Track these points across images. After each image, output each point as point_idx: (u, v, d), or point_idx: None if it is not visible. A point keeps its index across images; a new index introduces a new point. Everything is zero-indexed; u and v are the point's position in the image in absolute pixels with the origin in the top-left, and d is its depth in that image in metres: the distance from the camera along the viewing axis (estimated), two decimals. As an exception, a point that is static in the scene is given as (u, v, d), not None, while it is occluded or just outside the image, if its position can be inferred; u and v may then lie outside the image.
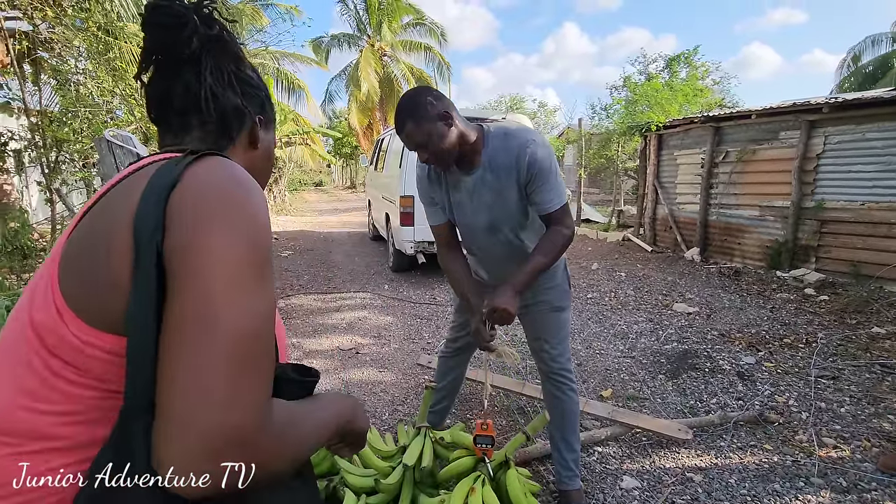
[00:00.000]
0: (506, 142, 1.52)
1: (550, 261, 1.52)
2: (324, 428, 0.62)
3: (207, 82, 0.64)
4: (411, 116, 1.42)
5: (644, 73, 11.38)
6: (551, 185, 1.50)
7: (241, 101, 0.68)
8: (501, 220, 1.60)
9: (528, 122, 5.74)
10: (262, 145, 0.74)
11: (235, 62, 0.68)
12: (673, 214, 7.36)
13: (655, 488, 1.95)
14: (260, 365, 0.49)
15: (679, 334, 3.70)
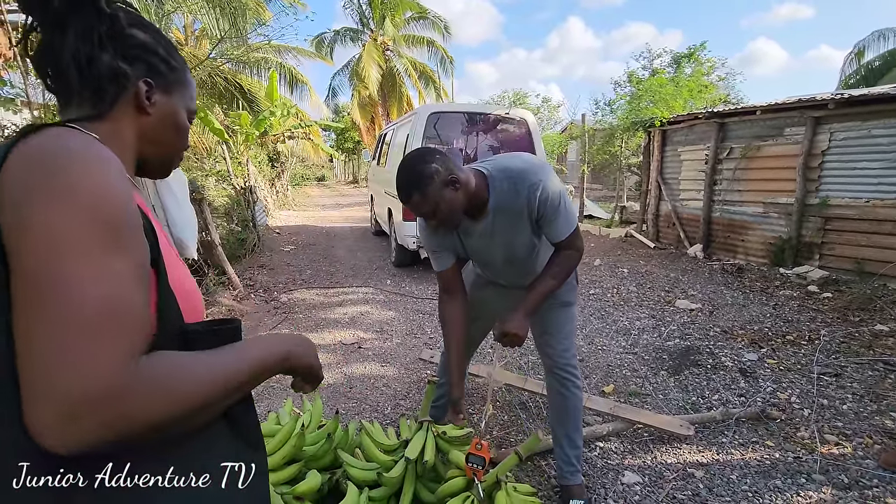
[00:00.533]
0: (512, 185, 1.50)
1: (560, 283, 1.58)
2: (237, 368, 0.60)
3: (71, 44, 0.60)
4: (417, 188, 1.38)
5: (648, 69, 11.32)
6: (562, 217, 1.51)
7: (118, 62, 0.63)
8: (518, 252, 1.65)
9: (532, 118, 5.72)
10: (159, 111, 0.69)
11: (111, 21, 0.63)
12: (676, 211, 7.34)
13: (657, 483, 1.95)
14: (117, 325, 0.49)
15: (681, 331, 3.69)
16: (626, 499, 1.87)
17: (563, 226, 1.52)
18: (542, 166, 1.53)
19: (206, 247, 4.63)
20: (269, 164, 12.66)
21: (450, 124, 5.59)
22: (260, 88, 10.71)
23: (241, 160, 9.01)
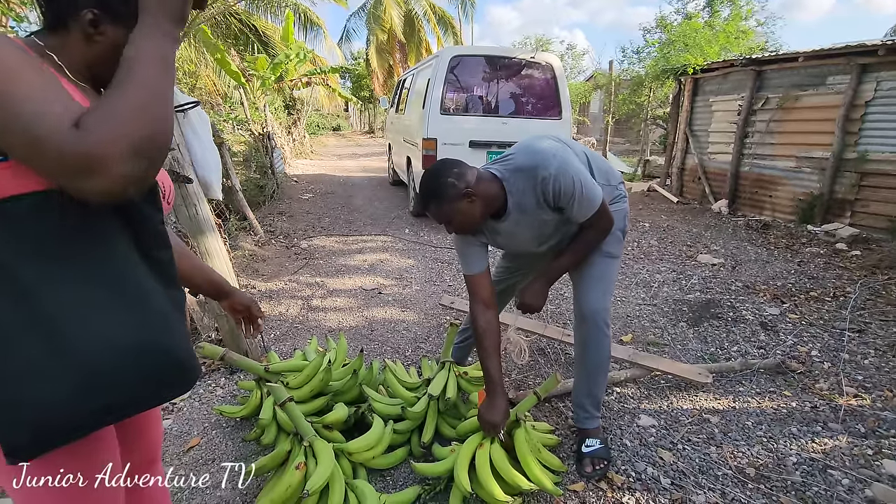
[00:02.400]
0: (525, 183, 1.51)
1: (582, 258, 1.68)
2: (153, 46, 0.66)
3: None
4: (434, 198, 1.47)
5: (682, 13, 10.63)
6: (580, 202, 1.50)
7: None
8: (546, 239, 1.69)
9: (558, 63, 5.47)
10: (108, 40, 0.74)
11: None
12: (703, 164, 7.10)
13: (672, 427, 2.00)
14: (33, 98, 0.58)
15: (702, 284, 3.66)
16: (641, 439, 1.92)
17: (584, 209, 1.53)
18: (553, 155, 1.49)
19: (227, 192, 4.66)
20: (285, 111, 12.49)
21: (472, 69, 5.39)
22: (275, 32, 10.39)
23: (258, 106, 8.89)
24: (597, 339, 1.74)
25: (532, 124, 5.35)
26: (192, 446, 1.89)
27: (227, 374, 2.38)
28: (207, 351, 1.84)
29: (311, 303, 3.31)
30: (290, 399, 1.54)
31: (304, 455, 1.45)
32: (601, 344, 1.74)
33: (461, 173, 1.46)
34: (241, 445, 1.89)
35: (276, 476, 1.54)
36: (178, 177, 2.15)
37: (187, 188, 2.20)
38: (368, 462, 1.65)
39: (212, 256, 2.30)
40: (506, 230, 1.62)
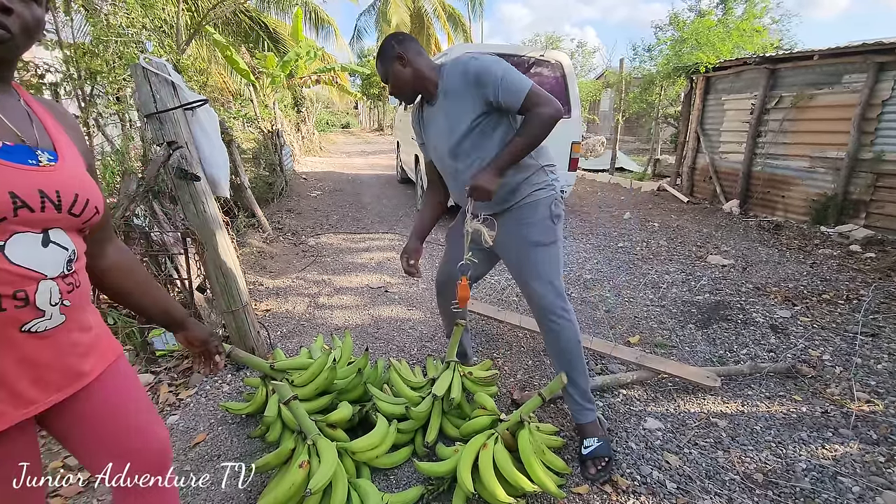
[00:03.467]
0: (454, 67, 1.67)
1: (530, 140, 1.61)
2: None
3: None
4: (378, 57, 1.74)
5: (695, 10, 10.50)
6: (508, 81, 1.57)
7: None
8: (463, 142, 1.68)
9: (568, 61, 5.43)
10: None
11: None
12: (714, 164, 7.02)
13: (679, 430, 1.98)
14: None
15: (712, 286, 3.62)
16: (647, 442, 1.90)
17: (514, 87, 1.57)
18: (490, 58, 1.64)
19: (236, 189, 4.69)
20: (294, 109, 12.54)
21: (481, 67, 5.37)
22: (285, 29, 10.43)
23: (268, 103, 8.93)
24: (555, 331, 1.76)
25: (541, 123, 5.31)
26: (198, 442, 1.90)
27: (233, 371, 2.39)
28: (213, 348, 1.85)
29: (318, 300, 3.32)
30: (295, 397, 1.54)
31: (308, 453, 1.45)
32: (561, 334, 1.75)
33: (403, 41, 1.70)
34: (246, 442, 1.90)
35: (280, 474, 1.55)
36: (185, 174, 2.16)
37: (195, 186, 2.21)
38: (372, 461, 1.65)
39: (220, 254, 2.31)
40: (431, 117, 1.78)
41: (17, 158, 0.73)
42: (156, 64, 2.12)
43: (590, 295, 3.46)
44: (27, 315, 0.73)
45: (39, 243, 0.74)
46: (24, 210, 0.71)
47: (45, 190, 0.74)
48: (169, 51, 5.72)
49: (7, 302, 0.71)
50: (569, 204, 7.01)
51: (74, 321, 0.82)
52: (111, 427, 0.91)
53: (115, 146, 4.39)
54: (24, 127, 0.78)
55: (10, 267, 0.70)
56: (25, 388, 0.76)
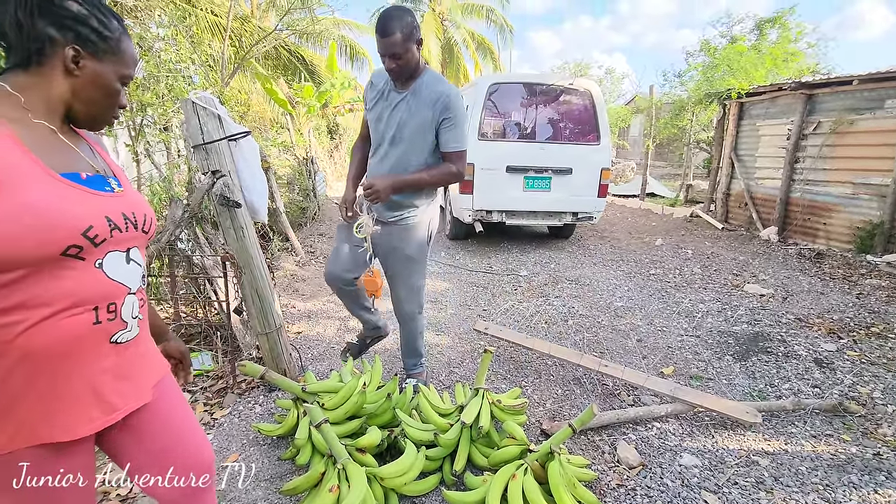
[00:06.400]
0: (435, 83, 1.86)
1: (431, 181, 1.94)
2: None
3: (11, 12, 0.73)
4: (402, 31, 1.72)
5: (727, 36, 10.44)
6: (457, 132, 1.87)
7: (47, 29, 0.74)
8: (407, 137, 1.90)
9: (597, 89, 5.47)
10: (87, 74, 0.79)
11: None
12: (749, 190, 6.85)
13: (717, 468, 1.90)
14: None
15: (750, 316, 3.50)
16: (683, 479, 1.83)
17: (456, 140, 1.88)
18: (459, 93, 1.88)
19: (272, 214, 4.86)
20: (328, 136, 12.97)
21: (510, 95, 5.47)
22: (321, 61, 10.90)
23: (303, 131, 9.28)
24: (412, 328, 2.30)
25: (570, 149, 5.34)
26: (231, 461, 1.94)
27: (265, 392, 2.44)
28: (248, 369, 1.91)
29: (348, 324, 3.37)
30: (326, 421, 1.57)
31: (338, 478, 1.47)
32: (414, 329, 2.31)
33: (419, 25, 1.79)
34: (277, 463, 1.93)
35: (310, 498, 1.56)
36: (228, 201, 2.27)
37: (236, 212, 2.31)
38: (400, 488, 1.65)
39: (256, 278, 2.39)
40: (394, 102, 1.89)
41: (98, 187, 0.82)
42: (204, 98, 2.26)
43: (620, 323, 3.39)
44: (116, 327, 0.82)
45: (124, 260, 0.83)
46: (117, 231, 0.80)
47: (125, 213, 0.83)
48: (214, 83, 6.07)
49: (102, 314, 0.79)
50: (598, 230, 6.94)
51: (143, 334, 0.90)
52: (162, 439, 0.96)
53: (162, 173, 4.63)
54: (91, 157, 0.87)
55: (107, 281, 0.80)
56: (110, 396, 0.83)
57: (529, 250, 5.63)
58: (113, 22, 0.82)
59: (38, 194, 0.71)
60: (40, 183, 0.73)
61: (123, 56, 0.84)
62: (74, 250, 0.74)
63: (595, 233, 6.76)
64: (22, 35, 0.74)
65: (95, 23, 0.79)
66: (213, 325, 2.80)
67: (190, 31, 6.22)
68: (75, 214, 0.74)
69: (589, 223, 5.70)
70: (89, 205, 0.78)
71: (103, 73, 0.81)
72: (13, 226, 0.68)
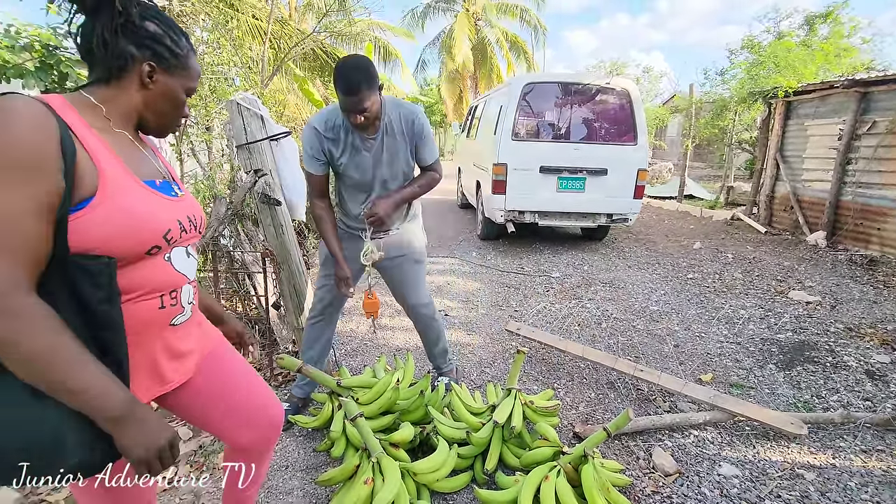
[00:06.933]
0: (400, 111, 1.88)
1: (422, 192, 2.03)
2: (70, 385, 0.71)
3: (97, 30, 0.81)
4: (367, 84, 1.65)
5: (774, 32, 10.01)
6: (431, 146, 1.96)
7: (127, 47, 0.83)
8: (394, 174, 1.95)
9: (634, 88, 5.36)
10: (158, 90, 0.88)
11: (125, 16, 0.82)
12: (796, 192, 6.56)
13: (759, 479, 1.83)
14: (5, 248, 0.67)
15: (795, 324, 3.35)
16: (722, 490, 1.77)
17: (432, 152, 1.98)
18: (419, 108, 1.94)
19: (308, 212, 4.98)
20: (361, 136, 13.16)
21: (545, 95, 5.42)
22: (356, 62, 11.09)
23: (338, 132, 9.45)
24: (436, 328, 2.33)
25: (605, 150, 5.25)
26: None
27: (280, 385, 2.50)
28: (287, 362, 1.96)
29: (380, 321, 3.41)
30: (361, 415, 1.60)
31: (372, 471, 1.49)
32: (440, 330, 2.35)
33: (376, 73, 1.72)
34: (311, 455, 1.98)
35: (345, 489, 1.59)
36: (269, 199, 2.34)
37: (276, 210, 2.39)
38: (432, 484, 1.67)
39: (294, 273, 2.46)
40: (370, 148, 1.87)
41: (168, 192, 0.92)
42: (248, 99, 2.34)
43: (656, 328, 3.31)
44: (175, 311, 0.93)
45: (185, 255, 0.95)
46: (184, 232, 0.91)
47: (189, 216, 0.94)
48: (254, 85, 6.26)
49: (166, 300, 0.90)
50: (633, 232, 6.79)
51: (195, 316, 1.03)
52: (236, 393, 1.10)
53: (205, 172, 4.81)
54: (157, 164, 0.96)
55: (173, 272, 0.91)
56: (165, 370, 0.94)
57: (562, 252, 5.57)
58: (182, 40, 0.92)
59: (131, 200, 0.81)
60: (132, 189, 0.82)
61: (190, 71, 0.93)
62: (155, 250, 0.85)
63: (630, 235, 6.61)
64: (107, 52, 0.83)
65: (168, 41, 0.88)
66: (251, 318, 2.89)
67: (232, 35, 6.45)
68: (158, 219, 0.85)
69: (624, 225, 5.59)
70: (166, 210, 0.88)
71: (173, 86, 0.91)
72: (111, 227, 0.77)
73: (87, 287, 0.76)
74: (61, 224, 0.73)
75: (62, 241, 0.74)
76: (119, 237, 0.78)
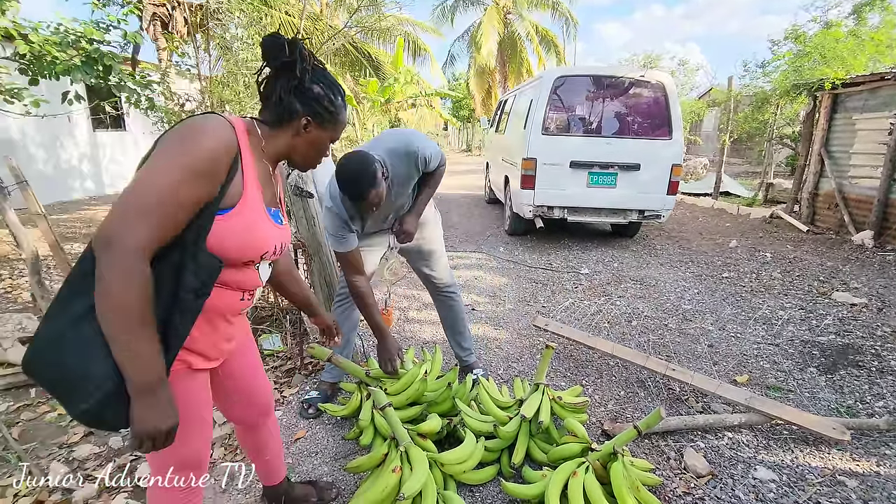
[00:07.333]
0: (399, 157, 1.88)
1: (435, 190, 2.13)
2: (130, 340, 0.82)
3: (277, 87, 1.01)
4: (372, 186, 1.67)
5: (822, 22, 9.55)
6: (433, 156, 1.96)
7: (295, 103, 1.02)
8: (406, 197, 2.05)
9: (670, 81, 5.20)
10: (308, 138, 1.06)
11: (299, 80, 1.01)
12: (842, 190, 6.25)
13: (797, 485, 1.76)
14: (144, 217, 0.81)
15: (839, 326, 3.20)
16: (757, 494, 1.72)
17: (433, 159, 1.97)
18: (413, 133, 1.98)
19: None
20: (390, 131, 13.26)
21: (577, 89, 5.32)
22: (386, 58, 11.15)
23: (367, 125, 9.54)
24: (454, 300, 2.40)
25: (638, 144, 5.12)
26: (299, 437, 2.06)
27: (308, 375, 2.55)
28: (317, 352, 2.00)
29: (408, 314, 3.44)
30: (389, 404, 1.62)
31: (401, 460, 1.51)
32: (457, 302, 2.42)
33: (377, 162, 1.72)
34: (340, 443, 2.01)
35: (373, 477, 1.62)
36: (301, 192, 2.38)
37: (308, 202, 2.43)
38: (458, 475, 1.67)
39: (325, 265, 2.50)
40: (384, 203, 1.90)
41: (277, 220, 1.09)
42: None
43: (689, 327, 3.23)
44: (246, 304, 1.11)
45: (267, 266, 1.13)
46: (274, 254, 1.08)
47: (283, 242, 1.11)
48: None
49: (245, 296, 1.08)
50: (665, 229, 6.62)
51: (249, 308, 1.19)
52: (245, 380, 1.29)
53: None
54: (277, 195, 1.13)
55: (256, 278, 1.08)
56: (223, 346, 1.11)
57: (591, 248, 5.48)
58: (338, 99, 1.07)
59: (254, 221, 0.98)
60: (258, 213, 1.00)
61: (338, 125, 1.10)
62: (250, 262, 1.03)
63: (662, 232, 6.45)
64: (280, 106, 1.02)
65: (326, 102, 1.05)
66: (282, 309, 2.96)
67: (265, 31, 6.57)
68: (265, 241, 1.02)
69: (656, 222, 5.46)
70: (272, 235, 1.04)
71: (322, 137, 1.08)
72: (232, 237, 0.94)
73: (188, 275, 0.89)
74: (208, 220, 0.90)
75: (202, 232, 0.90)
76: (233, 247, 0.95)
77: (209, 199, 0.89)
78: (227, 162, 0.90)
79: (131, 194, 0.82)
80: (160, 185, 0.82)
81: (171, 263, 0.88)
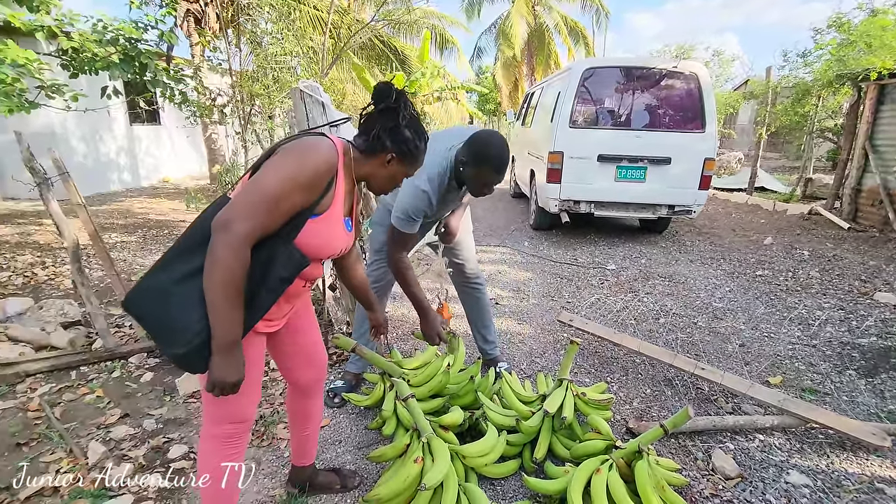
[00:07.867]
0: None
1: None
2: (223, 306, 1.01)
3: (377, 124, 1.18)
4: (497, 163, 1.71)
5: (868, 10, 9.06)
6: None
7: (387, 141, 1.19)
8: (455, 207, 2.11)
9: (704, 72, 5.04)
10: (389, 170, 1.24)
11: (395, 123, 1.18)
12: (887, 186, 5.95)
13: (832, 491, 1.70)
14: (257, 213, 1.01)
15: (881, 328, 3.06)
16: (790, 499, 1.66)
17: None
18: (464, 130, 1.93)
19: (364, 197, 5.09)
20: (416, 125, 13.25)
21: (606, 81, 5.21)
22: (412, 51, 11.15)
23: (393, 120, 9.56)
24: (480, 291, 2.41)
25: (669, 137, 4.99)
26: (324, 426, 2.09)
27: (354, 365, 2.58)
28: (342, 342, 2.02)
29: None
30: (412, 395, 1.63)
31: (423, 451, 1.52)
32: (483, 293, 2.43)
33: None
34: (363, 432, 2.04)
35: (395, 466, 1.64)
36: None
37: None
38: (480, 468, 1.67)
39: (350, 256, 2.53)
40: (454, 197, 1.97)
41: (348, 227, 1.27)
42: (310, 86, 2.41)
43: (720, 326, 3.14)
44: (307, 290, 1.33)
45: (329, 262, 1.25)
46: (339, 254, 1.29)
47: (347, 245, 1.30)
48: (314, 74, 6.45)
49: (308, 284, 1.30)
50: (696, 225, 6.44)
51: None
52: (310, 335, 1.46)
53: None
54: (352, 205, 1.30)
55: (321, 271, 1.29)
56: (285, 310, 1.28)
57: (618, 243, 5.38)
58: (422, 144, 1.24)
59: (334, 228, 1.19)
60: (338, 221, 1.20)
61: (416, 164, 1.27)
62: (321, 260, 1.23)
63: (692, 228, 6.28)
64: (376, 141, 1.19)
65: (412, 145, 1.21)
66: (309, 299, 3.01)
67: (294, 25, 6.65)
68: (338, 245, 1.23)
69: (687, 217, 5.31)
70: (342, 240, 1.24)
71: (399, 171, 1.26)
72: (316, 238, 1.14)
73: (278, 265, 1.09)
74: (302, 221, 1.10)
75: (294, 230, 1.09)
76: (314, 246, 1.15)
77: (306, 206, 1.09)
78: (327, 178, 1.10)
79: (250, 194, 1.01)
80: (272, 192, 1.01)
81: (268, 251, 1.07)
